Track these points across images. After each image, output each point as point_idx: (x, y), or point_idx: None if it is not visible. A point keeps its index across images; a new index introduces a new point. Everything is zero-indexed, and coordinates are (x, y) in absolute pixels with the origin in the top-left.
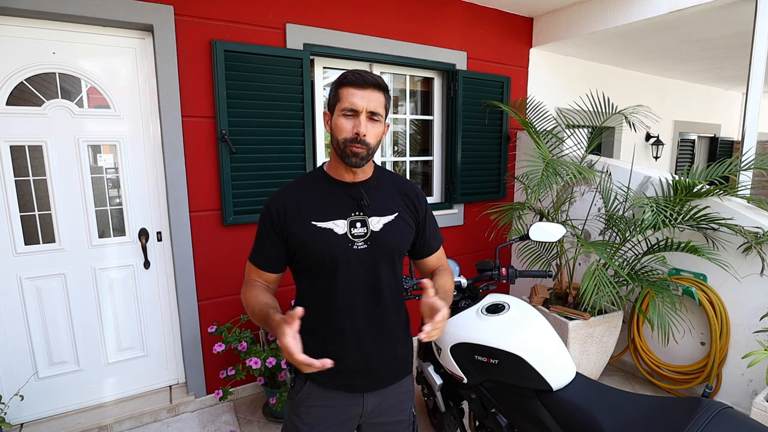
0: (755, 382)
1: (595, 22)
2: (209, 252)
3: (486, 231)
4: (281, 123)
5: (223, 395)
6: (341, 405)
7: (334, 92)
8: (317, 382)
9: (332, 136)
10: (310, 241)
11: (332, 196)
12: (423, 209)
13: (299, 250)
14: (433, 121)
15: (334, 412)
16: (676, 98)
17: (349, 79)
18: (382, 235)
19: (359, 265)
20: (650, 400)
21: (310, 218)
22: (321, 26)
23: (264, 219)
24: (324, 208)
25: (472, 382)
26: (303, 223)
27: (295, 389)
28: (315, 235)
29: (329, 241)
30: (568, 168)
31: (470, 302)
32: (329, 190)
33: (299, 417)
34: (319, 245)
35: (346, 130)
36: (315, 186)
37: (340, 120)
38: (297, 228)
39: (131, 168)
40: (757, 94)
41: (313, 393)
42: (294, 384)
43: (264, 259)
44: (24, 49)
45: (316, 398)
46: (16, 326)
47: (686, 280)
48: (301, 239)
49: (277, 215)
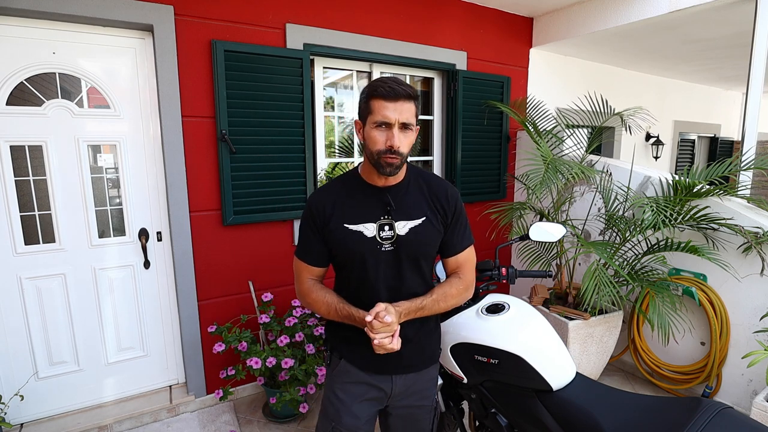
0: (755, 382)
1: (595, 22)
2: (209, 252)
3: (486, 231)
4: (281, 123)
5: (223, 395)
6: (371, 383)
7: (365, 103)
8: (351, 362)
9: (366, 146)
10: (342, 242)
11: (364, 200)
12: (452, 210)
13: (334, 248)
14: (433, 121)
15: (364, 389)
16: (676, 98)
17: (380, 91)
18: (408, 239)
19: (387, 266)
20: (650, 400)
21: (342, 220)
22: (321, 26)
23: (306, 218)
24: (356, 212)
25: (472, 382)
26: (337, 224)
27: (332, 366)
28: (346, 236)
29: (359, 243)
30: (569, 167)
31: (470, 302)
32: (362, 193)
33: (333, 392)
34: (350, 246)
35: (379, 142)
36: (349, 189)
37: (374, 132)
38: (332, 228)
39: (131, 168)
40: (757, 94)
41: (347, 370)
42: (330, 361)
43: (311, 254)
44: (24, 49)
45: (350, 375)
46: (16, 326)
47: (686, 280)
48: (336, 239)
49: (317, 214)
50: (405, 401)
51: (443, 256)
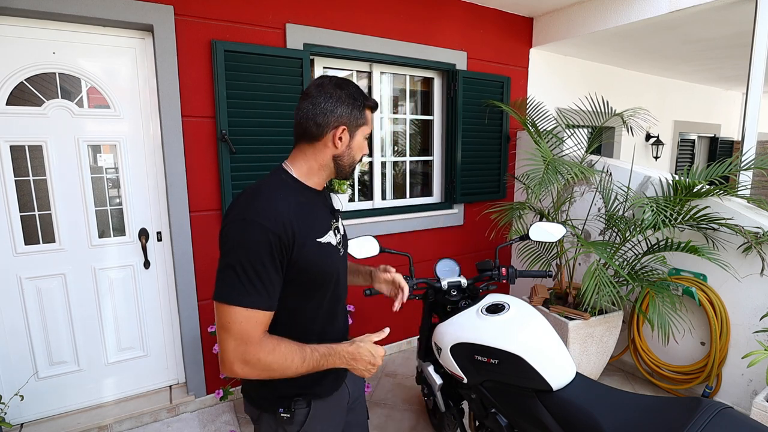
0: (755, 382)
1: (595, 22)
2: (209, 252)
3: (486, 231)
4: (281, 123)
5: (223, 395)
6: (338, 406)
7: (361, 113)
8: (321, 397)
9: (348, 154)
10: (319, 259)
11: (314, 206)
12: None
13: (307, 270)
14: (433, 121)
15: (335, 416)
16: (676, 98)
17: (372, 103)
18: (347, 237)
19: (343, 269)
20: (650, 400)
21: (312, 234)
22: (321, 26)
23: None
24: (317, 221)
25: (472, 382)
26: (306, 240)
27: (297, 421)
28: (321, 250)
29: (332, 255)
30: (569, 167)
31: (470, 302)
32: (308, 200)
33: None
34: (327, 261)
35: (364, 149)
36: (296, 196)
37: (364, 142)
38: (306, 249)
39: (131, 168)
40: (757, 94)
41: (317, 412)
42: (295, 417)
43: (269, 296)
44: (24, 49)
45: (320, 417)
46: (16, 326)
47: (686, 280)
48: (311, 259)
49: (283, 234)
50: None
51: None
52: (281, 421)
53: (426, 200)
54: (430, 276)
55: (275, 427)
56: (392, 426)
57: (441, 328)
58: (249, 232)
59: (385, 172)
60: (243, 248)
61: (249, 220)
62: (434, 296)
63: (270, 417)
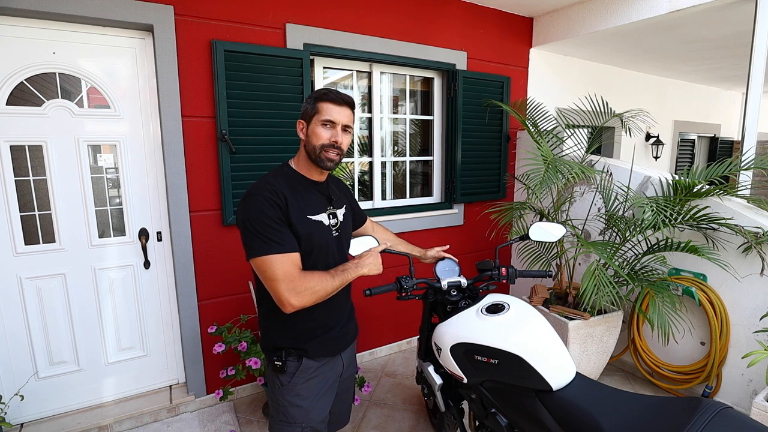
0: (755, 382)
1: (595, 22)
2: (209, 252)
3: (486, 231)
4: (281, 123)
5: (223, 395)
6: (329, 370)
7: (313, 105)
8: (310, 356)
9: (308, 142)
10: (308, 232)
11: (311, 193)
12: (350, 196)
13: (299, 237)
14: (433, 121)
15: (324, 378)
16: (676, 98)
17: (329, 96)
18: (345, 223)
19: (337, 249)
20: (650, 400)
21: (304, 212)
22: (321, 26)
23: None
24: (311, 203)
25: (472, 382)
26: (298, 215)
27: (289, 372)
28: (311, 226)
29: (323, 232)
30: (569, 167)
31: (470, 302)
32: (304, 187)
33: (298, 395)
34: (317, 235)
35: (323, 137)
36: (295, 183)
37: (318, 129)
38: (296, 219)
39: (131, 168)
40: (757, 94)
41: (307, 367)
42: (286, 367)
43: (289, 242)
44: (24, 49)
45: (310, 372)
46: (16, 326)
47: (686, 280)
48: (302, 230)
49: (280, 201)
50: (347, 373)
51: (358, 226)
52: (276, 370)
53: (426, 200)
54: (430, 276)
55: (273, 376)
56: (392, 426)
57: (441, 328)
58: (252, 203)
59: (385, 172)
60: (253, 215)
61: (251, 194)
62: (434, 296)
63: (271, 366)
